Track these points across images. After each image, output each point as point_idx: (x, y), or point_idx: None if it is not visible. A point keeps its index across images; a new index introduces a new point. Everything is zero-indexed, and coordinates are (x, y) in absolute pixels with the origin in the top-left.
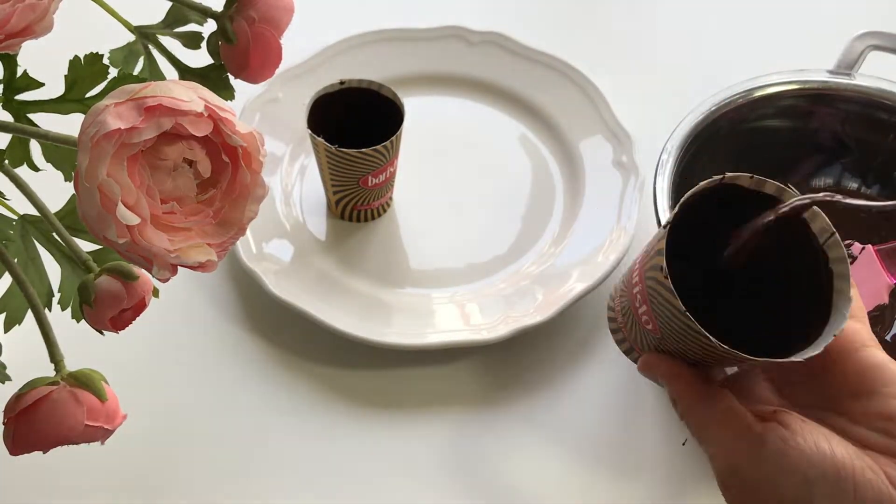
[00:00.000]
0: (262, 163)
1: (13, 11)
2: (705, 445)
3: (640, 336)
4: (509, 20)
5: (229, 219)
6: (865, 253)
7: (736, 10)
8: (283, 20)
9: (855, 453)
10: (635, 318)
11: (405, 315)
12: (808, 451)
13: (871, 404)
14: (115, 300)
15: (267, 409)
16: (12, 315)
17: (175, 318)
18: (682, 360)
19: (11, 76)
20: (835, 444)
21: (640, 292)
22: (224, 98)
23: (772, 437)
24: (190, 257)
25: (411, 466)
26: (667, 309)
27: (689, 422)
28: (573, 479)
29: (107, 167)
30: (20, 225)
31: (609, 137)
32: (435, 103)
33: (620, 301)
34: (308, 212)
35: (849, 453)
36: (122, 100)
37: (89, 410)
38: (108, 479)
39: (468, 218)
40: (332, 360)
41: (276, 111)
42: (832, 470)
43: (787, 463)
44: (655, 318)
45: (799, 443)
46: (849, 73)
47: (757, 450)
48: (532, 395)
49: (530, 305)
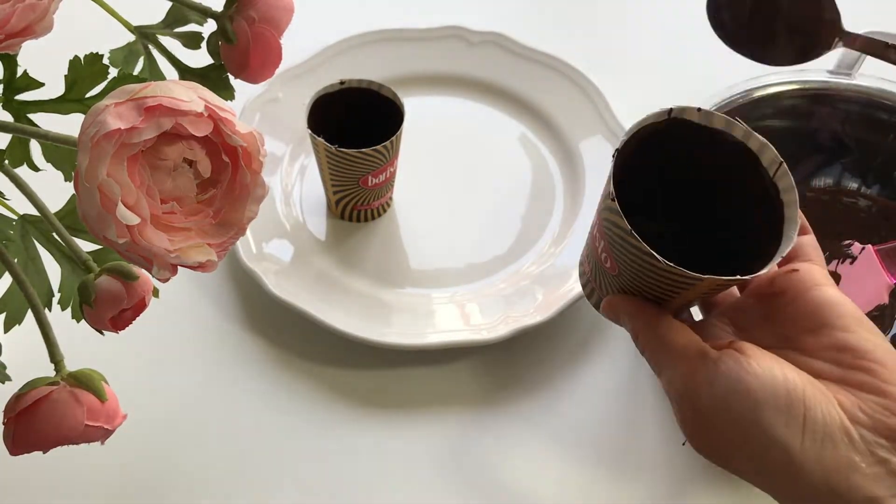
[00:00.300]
0: (262, 163)
1: (13, 11)
2: (662, 372)
3: (602, 279)
4: (509, 20)
5: (229, 219)
6: (865, 253)
7: None
8: (283, 20)
9: (808, 379)
10: (597, 261)
11: (405, 315)
12: (761, 374)
13: (823, 338)
14: (115, 300)
15: (267, 409)
16: (12, 315)
17: (175, 318)
18: (642, 298)
19: (11, 76)
20: (787, 369)
21: (598, 229)
22: (224, 98)
23: (726, 360)
24: (190, 257)
25: (411, 466)
26: (618, 236)
27: (647, 352)
28: (573, 479)
29: (107, 167)
30: (20, 225)
31: (609, 137)
32: (435, 103)
33: (586, 249)
34: (308, 212)
35: (801, 379)
36: (122, 100)
37: (89, 410)
38: (108, 479)
39: (468, 218)
40: (332, 360)
41: (276, 111)
42: (783, 392)
43: (740, 386)
44: (611, 250)
45: (752, 365)
46: (849, 73)
47: (712, 372)
48: (532, 395)
49: (530, 305)
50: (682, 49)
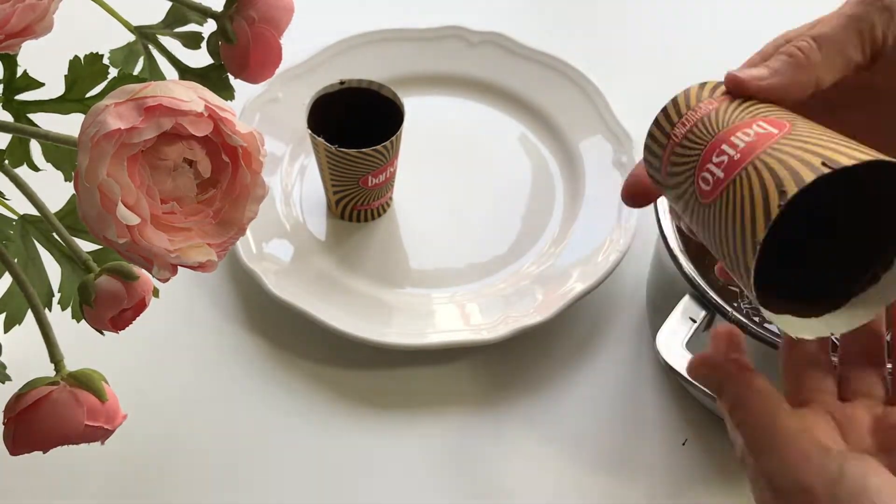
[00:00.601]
0: (262, 163)
1: (13, 11)
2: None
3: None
4: (509, 20)
5: (229, 219)
6: None
7: (737, 10)
8: (283, 20)
9: None
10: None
11: (405, 315)
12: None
13: None
14: (115, 300)
15: (267, 409)
16: (12, 315)
17: (175, 318)
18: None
19: (11, 76)
20: None
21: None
22: (224, 98)
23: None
24: (190, 257)
25: (411, 466)
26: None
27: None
28: (573, 478)
29: (107, 167)
30: (20, 225)
31: (609, 137)
32: (435, 103)
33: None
34: (308, 212)
35: None
36: (122, 100)
37: (89, 410)
38: (108, 479)
39: (468, 218)
40: (332, 360)
41: (276, 111)
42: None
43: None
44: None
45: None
46: None
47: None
48: (532, 395)
49: (530, 305)
50: (682, 49)
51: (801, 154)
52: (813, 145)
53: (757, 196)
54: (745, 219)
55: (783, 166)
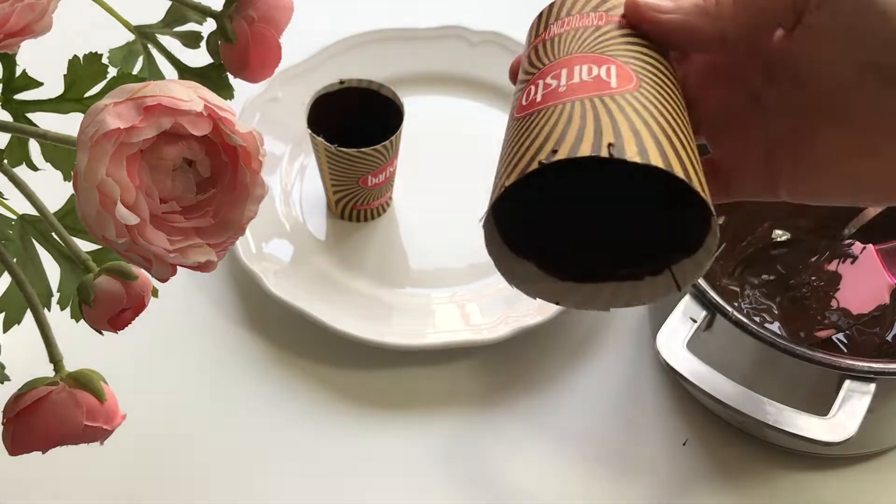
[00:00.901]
0: (261, 162)
1: (12, 11)
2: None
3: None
4: (509, 20)
5: (229, 219)
6: (866, 253)
7: None
8: (283, 20)
9: None
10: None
11: (405, 315)
12: None
13: None
14: (114, 300)
15: (267, 409)
16: (12, 315)
17: (175, 318)
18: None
19: (11, 76)
20: None
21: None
22: (223, 97)
23: None
24: (190, 257)
25: (411, 466)
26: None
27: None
28: (573, 479)
29: (106, 167)
30: (19, 225)
31: None
32: (435, 103)
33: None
34: (308, 212)
35: None
36: (121, 99)
37: (88, 411)
38: (108, 479)
39: (468, 218)
40: (332, 360)
41: (276, 111)
42: None
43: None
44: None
45: None
46: None
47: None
48: (532, 395)
49: (530, 305)
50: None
51: (604, 124)
52: (627, 121)
53: (540, 139)
54: (520, 154)
55: (579, 126)
